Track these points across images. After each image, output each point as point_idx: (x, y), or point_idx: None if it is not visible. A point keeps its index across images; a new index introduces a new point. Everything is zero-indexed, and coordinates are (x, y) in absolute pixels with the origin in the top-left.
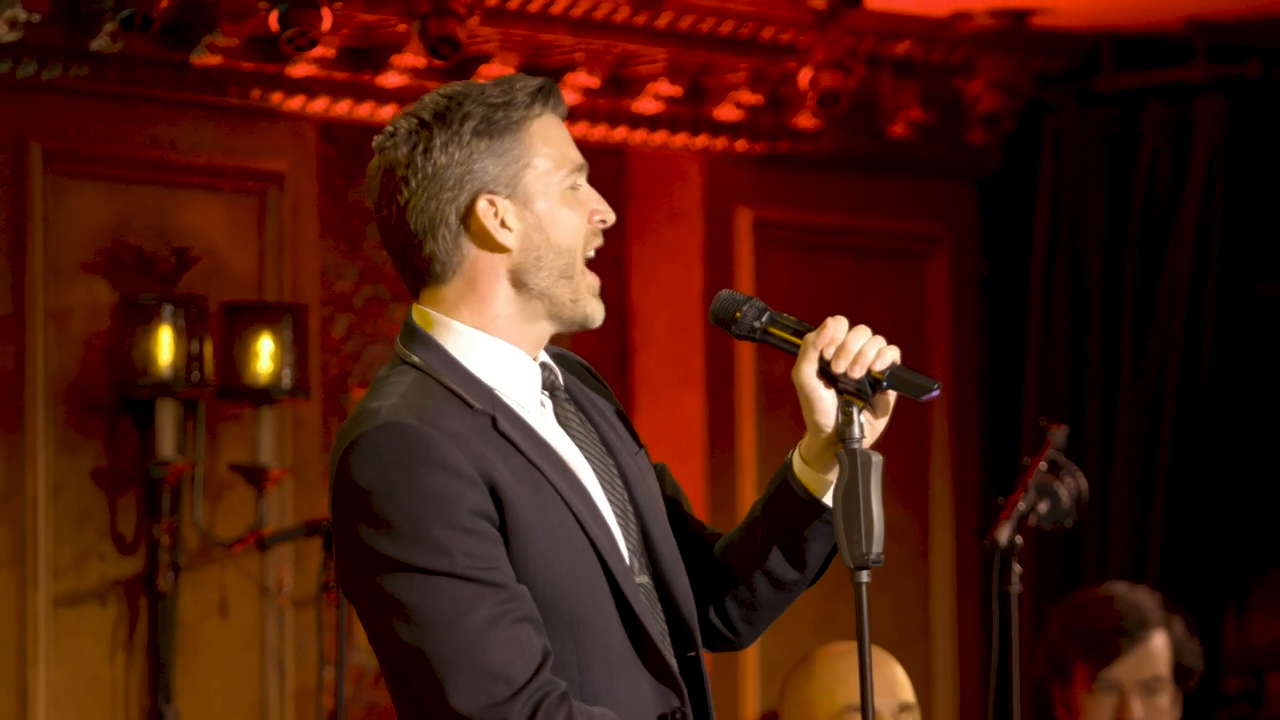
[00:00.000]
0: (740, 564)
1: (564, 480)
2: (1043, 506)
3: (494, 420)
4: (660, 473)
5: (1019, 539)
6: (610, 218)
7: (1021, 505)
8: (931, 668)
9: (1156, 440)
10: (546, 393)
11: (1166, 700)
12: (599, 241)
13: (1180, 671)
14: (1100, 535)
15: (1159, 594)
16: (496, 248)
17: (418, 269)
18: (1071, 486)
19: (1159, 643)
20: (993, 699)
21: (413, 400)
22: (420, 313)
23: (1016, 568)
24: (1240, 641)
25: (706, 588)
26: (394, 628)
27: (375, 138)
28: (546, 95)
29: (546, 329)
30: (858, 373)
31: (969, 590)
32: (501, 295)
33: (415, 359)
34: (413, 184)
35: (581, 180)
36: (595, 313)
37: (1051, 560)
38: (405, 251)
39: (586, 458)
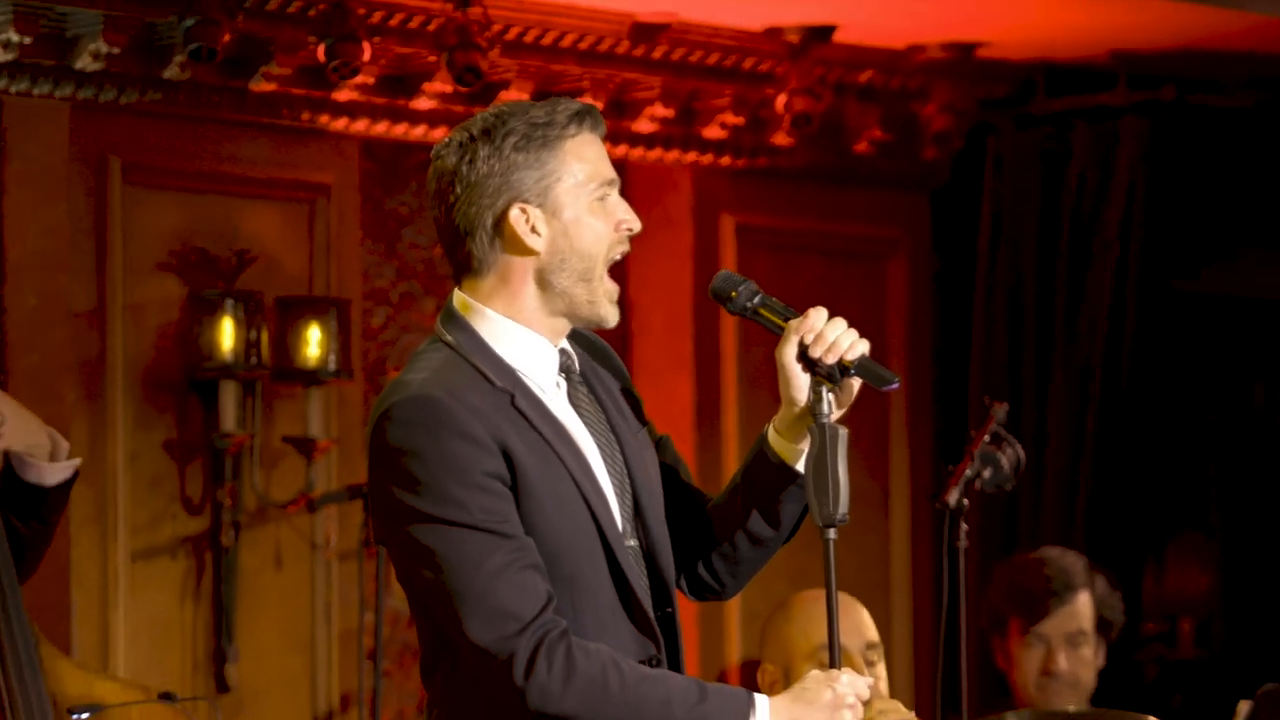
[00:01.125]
0: (724, 525)
1: (570, 454)
2: (986, 473)
3: (513, 398)
4: (663, 444)
5: (966, 501)
6: (636, 225)
7: (968, 472)
8: (891, 613)
9: (1084, 416)
10: (562, 375)
11: (1089, 651)
12: (625, 248)
13: (1102, 624)
14: (1036, 497)
15: (1085, 557)
16: (526, 250)
17: (460, 262)
18: (1011, 456)
19: (1083, 602)
20: (943, 639)
21: (442, 376)
22: (460, 299)
23: (964, 526)
24: (1156, 591)
25: (697, 546)
26: (421, 571)
27: (433, 147)
28: (583, 117)
29: (564, 324)
30: (831, 359)
31: (923, 545)
32: (529, 291)
33: (450, 339)
34: (458, 190)
35: (611, 193)
36: (608, 315)
37: (994, 519)
38: (451, 247)
39: (592, 435)
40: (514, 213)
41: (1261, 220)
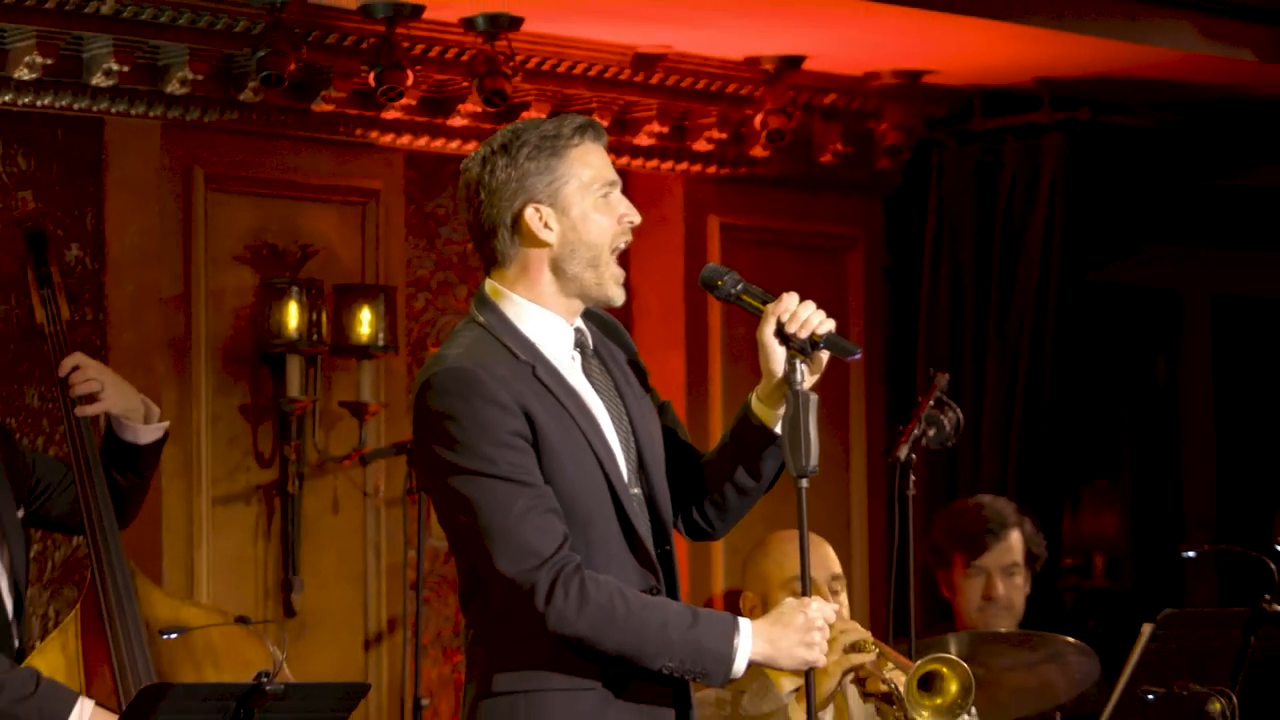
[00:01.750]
0: (714, 477)
1: (582, 416)
2: (931, 433)
3: (534, 369)
4: (665, 409)
5: (914, 456)
6: (636, 218)
7: (916, 431)
8: (851, 551)
9: (1014, 385)
10: (577, 350)
11: (1021, 579)
12: (628, 238)
13: (1030, 557)
14: (974, 453)
15: (1014, 502)
16: (540, 244)
17: (487, 256)
18: (951, 418)
19: (1015, 538)
20: (895, 572)
21: (474, 351)
22: (490, 286)
23: (912, 477)
24: (1074, 531)
25: (692, 494)
26: (457, 516)
27: (462, 161)
28: (585, 129)
29: (578, 304)
30: (804, 334)
31: (878, 493)
32: (546, 278)
33: (481, 320)
34: (482, 195)
35: (613, 191)
36: (615, 295)
37: (938, 471)
38: (479, 243)
39: (602, 400)
40: (529, 212)
41: (1160, 220)
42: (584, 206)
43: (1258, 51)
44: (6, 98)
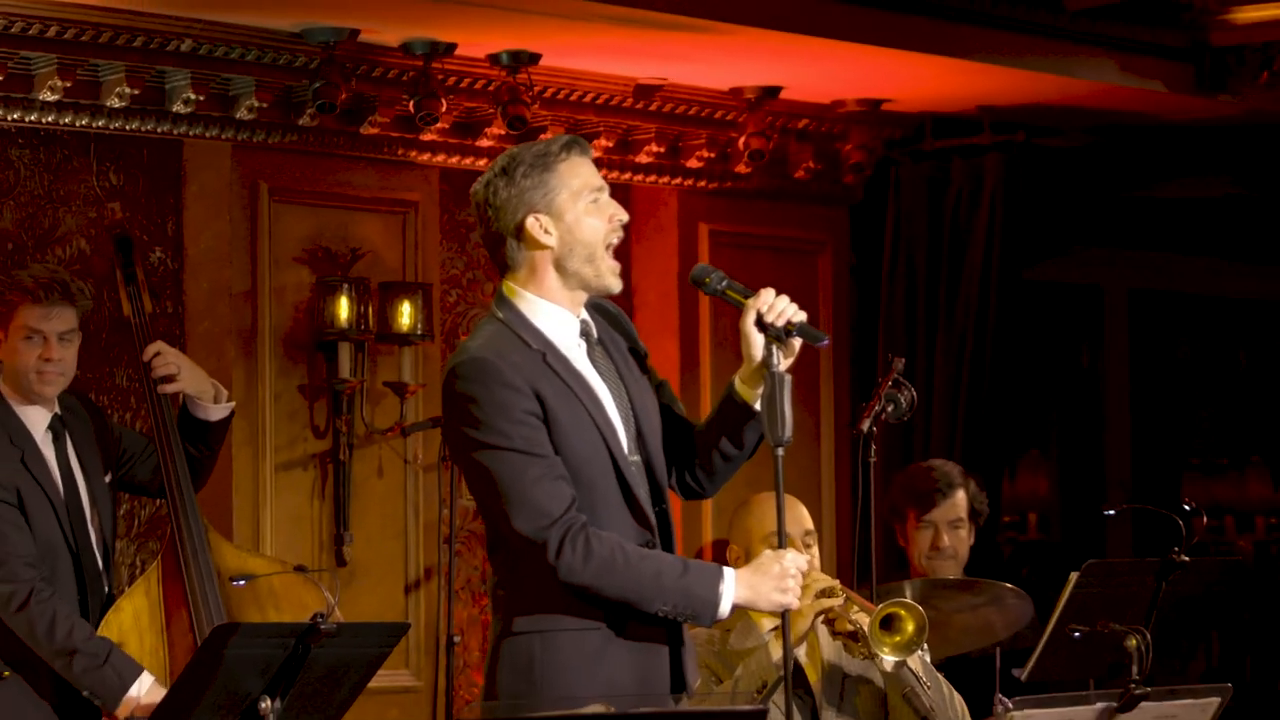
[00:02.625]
0: (704, 447)
1: (587, 396)
2: (889, 409)
3: (544, 356)
4: (662, 387)
5: (875, 429)
6: (624, 217)
7: (876, 407)
8: (821, 510)
9: (960, 369)
10: (583, 339)
11: (965, 532)
12: (620, 234)
13: (973, 513)
14: (925, 427)
15: (961, 466)
16: (542, 247)
17: (501, 263)
18: (907, 396)
19: (960, 496)
20: (858, 528)
21: (492, 342)
22: (506, 286)
23: (873, 446)
24: (1011, 492)
25: (685, 460)
26: (481, 483)
27: (473, 185)
28: (571, 146)
29: (582, 295)
30: (780, 323)
31: (844, 461)
32: (551, 276)
33: (500, 315)
34: (490, 213)
35: (601, 196)
36: (613, 284)
37: (895, 442)
38: (493, 252)
39: (605, 381)
40: (530, 221)
41: (1085, 226)
42: (576, 211)
43: (1168, 84)
44: (100, 123)
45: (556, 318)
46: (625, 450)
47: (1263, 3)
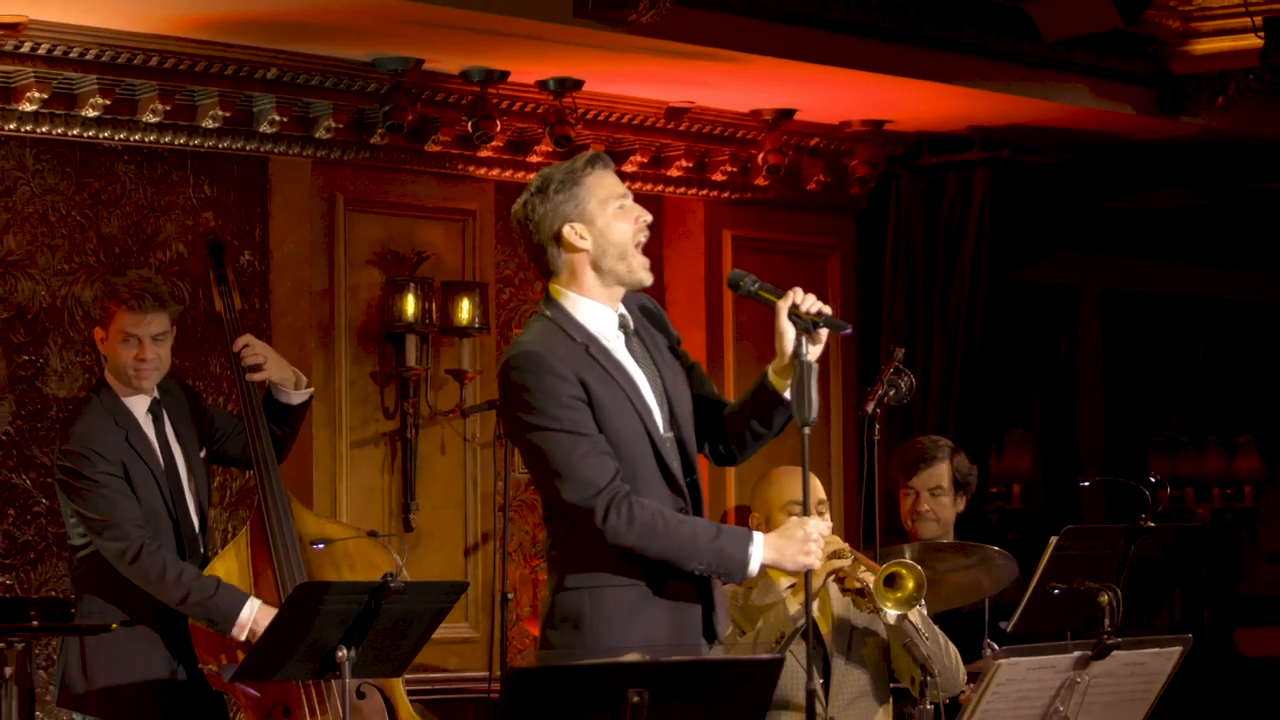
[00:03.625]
0: (735, 425)
1: (626, 382)
2: (891, 393)
3: (587, 348)
4: (694, 370)
5: (878, 410)
6: (648, 217)
7: (880, 391)
8: (830, 482)
9: (954, 358)
10: (621, 331)
11: (947, 499)
12: (646, 233)
13: (959, 484)
14: (923, 409)
15: (951, 442)
16: (579, 251)
17: (544, 269)
18: (907, 382)
19: (942, 467)
20: (864, 497)
21: (540, 337)
22: (552, 288)
23: (877, 426)
24: (997, 466)
25: (718, 434)
26: (535, 460)
27: (512, 207)
28: (595, 160)
29: (619, 290)
30: (813, 311)
31: (851, 439)
32: (589, 276)
33: (547, 313)
34: (530, 227)
35: (626, 201)
36: (645, 278)
37: (896, 423)
38: (536, 261)
39: (641, 369)
40: (566, 230)
41: (1063, 233)
42: (606, 216)
43: (1135, 106)
44: (195, 141)
45: (597, 313)
46: (660, 429)
47: (1217, 36)
